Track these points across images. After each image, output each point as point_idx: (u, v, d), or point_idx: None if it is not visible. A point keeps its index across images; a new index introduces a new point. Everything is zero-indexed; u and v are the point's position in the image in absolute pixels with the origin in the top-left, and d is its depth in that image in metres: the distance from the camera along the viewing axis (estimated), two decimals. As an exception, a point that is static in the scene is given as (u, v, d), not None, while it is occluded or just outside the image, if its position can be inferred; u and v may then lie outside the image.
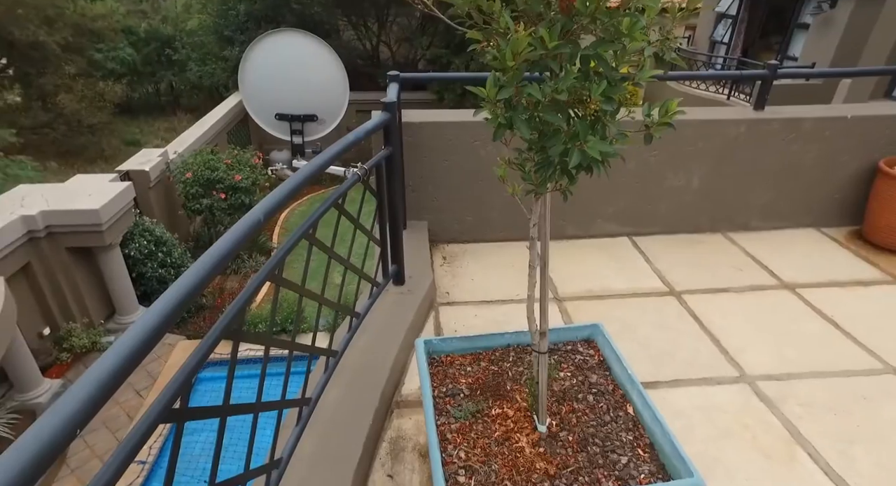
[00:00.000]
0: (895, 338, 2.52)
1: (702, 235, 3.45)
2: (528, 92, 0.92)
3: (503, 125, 0.99)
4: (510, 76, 0.93)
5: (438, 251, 3.21)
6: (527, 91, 0.93)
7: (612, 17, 0.91)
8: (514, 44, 0.88)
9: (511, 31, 0.90)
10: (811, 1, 10.18)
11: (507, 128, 1.00)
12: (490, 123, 1.02)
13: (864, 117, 3.29)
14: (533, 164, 1.10)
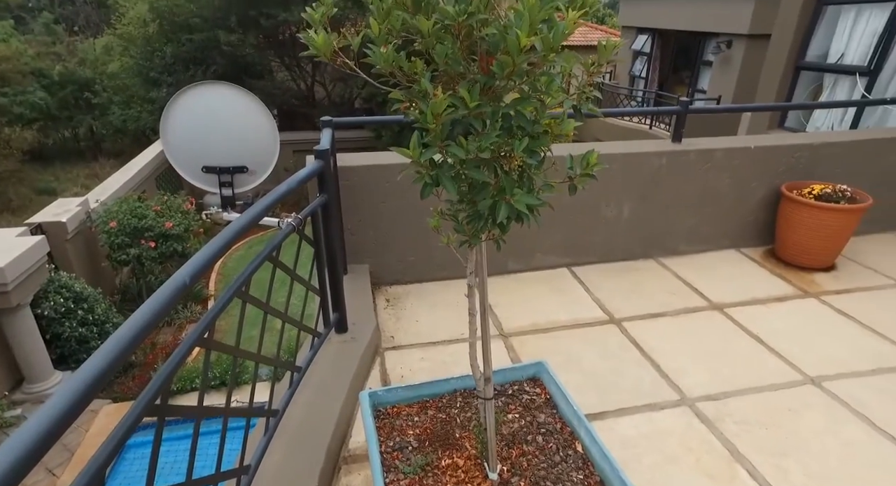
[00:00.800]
0: (809, 349, 2.70)
1: (636, 262, 3.60)
2: (452, 152, 0.94)
3: (430, 184, 1.00)
4: (433, 137, 0.94)
5: (382, 294, 3.17)
6: (451, 151, 0.94)
7: (529, 76, 0.95)
8: (433, 106, 0.90)
9: (430, 94, 0.92)
10: (712, 41, 11.23)
11: (435, 185, 1.01)
12: (416, 181, 1.03)
13: (765, 147, 3.61)
14: (465, 215, 1.11)
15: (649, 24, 12.99)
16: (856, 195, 3.44)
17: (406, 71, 0.98)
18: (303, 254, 2.09)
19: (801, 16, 5.57)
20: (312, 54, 1.03)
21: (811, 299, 3.20)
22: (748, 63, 10.32)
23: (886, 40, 4.81)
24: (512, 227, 1.21)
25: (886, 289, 3.30)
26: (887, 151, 3.82)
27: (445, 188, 0.99)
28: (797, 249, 3.57)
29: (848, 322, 2.96)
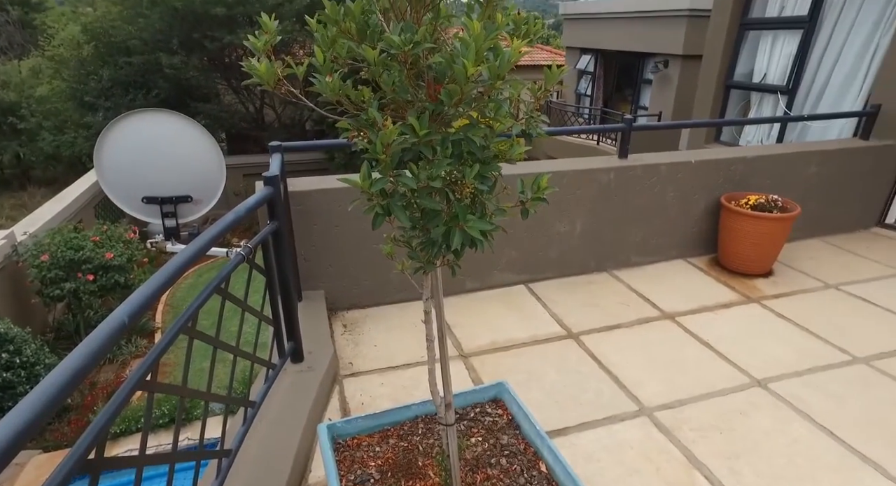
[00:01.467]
0: (754, 353, 2.83)
1: (591, 276, 3.69)
2: (403, 182, 0.94)
3: (381, 214, 0.99)
4: (383, 167, 0.93)
5: (338, 319, 3.10)
6: (402, 181, 0.94)
7: (478, 103, 0.96)
8: (383, 136, 0.89)
9: (379, 124, 0.91)
10: (650, 61, 11.85)
11: (386, 215, 1.00)
12: (367, 212, 1.01)
13: (705, 161, 3.81)
14: (419, 241, 1.10)
15: (591, 45, 13.58)
16: (786, 205, 3.67)
17: (353, 99, 0.97)
18: (256, 281, 2.02)
19: (726, 39, 5.97)
20: (256, 83, 1.00)
21: (754, 304, 3.36)
22: (684, 81, 10.95)
23: (799, 62, 5.22)
24: (467, 249, 1.21)
25: (817, 291, 3.52)
26: (808, 163, 4.11)
27: (397, 218, 0.98)
28: (738, 256, 3.75)
29: (786, 324, 3.12)
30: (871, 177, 4.38)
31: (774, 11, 5.51)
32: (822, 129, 5.18)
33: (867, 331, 3.03)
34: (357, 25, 0.97)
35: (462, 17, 1.02)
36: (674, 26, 10.88)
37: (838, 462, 2.13)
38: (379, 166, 0.94)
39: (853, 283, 3.62)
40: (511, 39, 1.15)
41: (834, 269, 3.82)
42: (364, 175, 0.94)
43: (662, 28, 11.14)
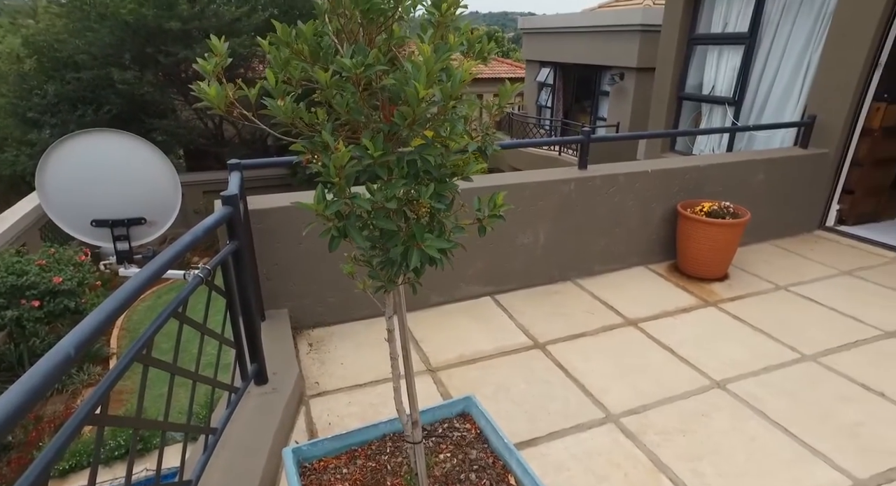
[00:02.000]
0: (713, 355, 2.92)
1: (555, 285, 3.74)
2: (357, 203, 0.94)
3: (337, 237, 0.99)
4: (338, 190, 0.93)
5: (304, 338, 3.04)
6: (357, 203, 0.94)
7: (432, 123, 0.97)
8: (335, 160, 0.89)
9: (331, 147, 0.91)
10: (607, 74, 12.23)
11: (343, 237, 0.99)
12: (322, 235, 1.00)
13: (661, 170, 3.94)
14: (379, 260, 1.10)
15: (550, 58, 13.93)
16: (737, 211, 3.83)
17: (307, 121, 0.97)
18: (218, 302, 1.97)
19: (676, 53, 6.24)
20: (206, 106, 0.99)
21: (711, 308, 3.48)
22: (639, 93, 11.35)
23: (743, 76, 5.51)
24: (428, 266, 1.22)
25: (769, 293, 3.67)
26: (755, 170, 4.31)
27: (354, 240, 0.98)
28: (695, 262, 3.89)
29: (742, 326, 3.24)
30: (811, 183, 4.63)
31: (719, 28, 5.79)
32: (766, 138, 5.45)
33: (814, 329, 3.18)
34: (309, 47, 0.97)
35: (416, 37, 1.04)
36: (628, 40, 11.29)
37: (792, 457, 2.22)
38: (333, 189, 0.94)
39: (800, 284, 3.80)
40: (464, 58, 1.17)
41: (783, 271, 4.00)
42: (318, 198, 0.93)
43: (617, 42, 11.54)
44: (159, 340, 1.47)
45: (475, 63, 0.95)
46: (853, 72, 4.34)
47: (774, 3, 5.14)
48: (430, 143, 0.95)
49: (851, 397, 2.60)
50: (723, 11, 5.71)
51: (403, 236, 0.99)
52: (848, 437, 2.34)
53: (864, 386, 2.67)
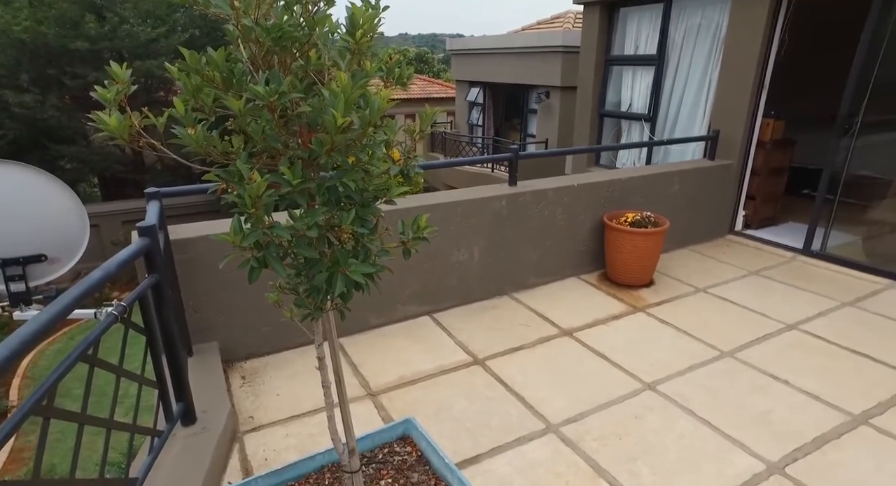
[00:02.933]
0: (643, 358, 3.07)
1: (492, 300, 3.81)
2: (276, 233, 0.92)
3: (256, 268, 0.96)
4: (255, 220, 0.91)
5: (236, 371, 2.90)
6: (277, 232, 0.92)
7: (351, 150, 0.98)
8: (251, 189, 0.87)
9: (246, 177, 0.89)
10: (534, 92, 12.76)
11: (263, 268, 0.97)
12: (241, 267, 0.97)
13: (587, 184, 4.14)
14: (305, 287, 1.08)
15: (479, 78, 14.35)
16: (658, 220, 4.08)
17: (221, 150, 0.95)
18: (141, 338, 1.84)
19: (595, 73, 6.63)
20: (107, 137, 0.94)
21: (640, 313, 3.66)
22: (565, 110, 11.89)
23: (655, 94, 5.94)
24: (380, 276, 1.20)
25: (690, 296, 3.92)
26: (671, 181, 4.63)
27: (275, 270, 0.96)
28: (623, 270, 4.09)
29: (668, 329, 3.43)
30: (719, 191, 5.02)
31: (631, 50, 6.22)
32: (680, 151, 5.87)
33: (730, 327, 3.43)
34: (221, 74, 0.96)
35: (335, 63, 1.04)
36: (551, 61, 11.85)
37: (716, 448, 2.36)
38: (251, 219, 0.92)
39: (717, 285, 4.08)
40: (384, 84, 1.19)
41: (701, 274, 4.30)
42: (234, 229, 0.91)
43: (541, 62, 12.08)
44: (72, 385, 1.36)
45: (393, 90, 0.97)
46: (745, 92, 4.79)
47: (677, 29, 5.59)
48: (351, 168, 0.96)
49: (763, 387, 2.81)
50: (633, 35, 6.15)
51: (327, 263, 0.98)
52: (761, 424, 2.52)
53: (773, 376, 2.90)
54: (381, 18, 1.16)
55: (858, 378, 2.89)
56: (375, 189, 1.06)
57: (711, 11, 5.21)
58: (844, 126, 4.31)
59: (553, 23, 14.11)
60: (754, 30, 4.65)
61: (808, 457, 2.32)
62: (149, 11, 10.32)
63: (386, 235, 1.15)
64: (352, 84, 0.92)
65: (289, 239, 0.92)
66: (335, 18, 1.16)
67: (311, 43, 1.03)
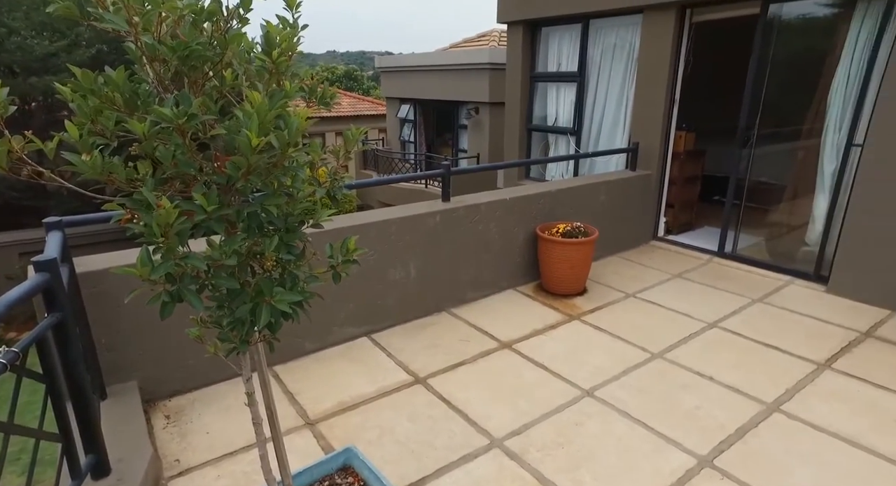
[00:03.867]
0: (581, 366, 3.15)
1: (431, 317, 3.78)
2: (191, 263, 0.85)
3: (169, 303, 0.88)
4: (166, 251, 0.84)
5: (159, 411, 2.67)
6: (191, 263, 0.85)
7: (272, 173, 0.93)
8: (159, 218, 0.80)
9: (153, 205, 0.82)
10: (464, 108, 13.01)
11: (177, 301, 0.89)
12: (150, 303, 0.89)
13: (518, 197, 4.24)
14: (228, 320, 1.01)
15: (409, 95, 14.45)
16: (587, 229, 4.24)
17: (125, 177, 0.87)
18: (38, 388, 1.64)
19: (521, 89, 6.86)
20: (-16, 166, 0.83)
21: (575, 321, 3.76)
22: (494, 125, 12.21)
23: (579, 109, 6.24)
24: (310, 303, 1.14)
25: (621, 301, 4.10)
26: (598, 192, 4.85)
27: (191, 304, 0.88)
28: (557, 280, 4.20)
29: (602, 335, 3.55)
30: (642, 200, 5.32)
31: (554, 67, 6.50)
32: (604, 162, 6.17)
33: (659, 329, 3.60)
34: (123, 95, 0.88)
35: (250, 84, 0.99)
36: (479, 78, 12.16)
37: (652, 448, 2.45)
38: (161, 250, 0.84)
39: (645, 290, 4.29)
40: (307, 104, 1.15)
41: (630, 280, 4.50)
42: (142, 260, 0.83)
43: (469, 79, 12.37)
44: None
45: (312, 110, 0.93)
46: (658, 106, 5.13)
47: (595, 48, 5.92)
48: (272, 192, 0.90)
49: (690, 384, 2.96)
50: (556, 53, 6.43)
51: (251, 293, 0.92)
52: (691, 420, 2.65)
53: (699, 373, 3.07)
54: (301, 37, 1.13)
55: (769, 369, 3.12)
56: (301, 213, 1.01)
57: (625, 32, 5.55)
58: (744, 138, 4.72)
59: (479, 41, 14.51)
60: (662, 50, 5.01)
61: (732, 448, 2.46)
62: (45, 23, 9.55)
63: (315, 260, 1.10)
64: (268, 104, 0.88)
65: (205, 269, 0.85)
66: (252, 37, 1.12)
67: (226, 62, 0.97)
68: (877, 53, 3.87)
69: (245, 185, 0.89)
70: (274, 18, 1.09)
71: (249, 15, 1.06)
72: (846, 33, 4.06)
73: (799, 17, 4.71)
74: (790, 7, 4.52)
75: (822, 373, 3.08)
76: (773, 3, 4.39)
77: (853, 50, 4.03)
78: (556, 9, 5.97)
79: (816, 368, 3.13)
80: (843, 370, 3.10)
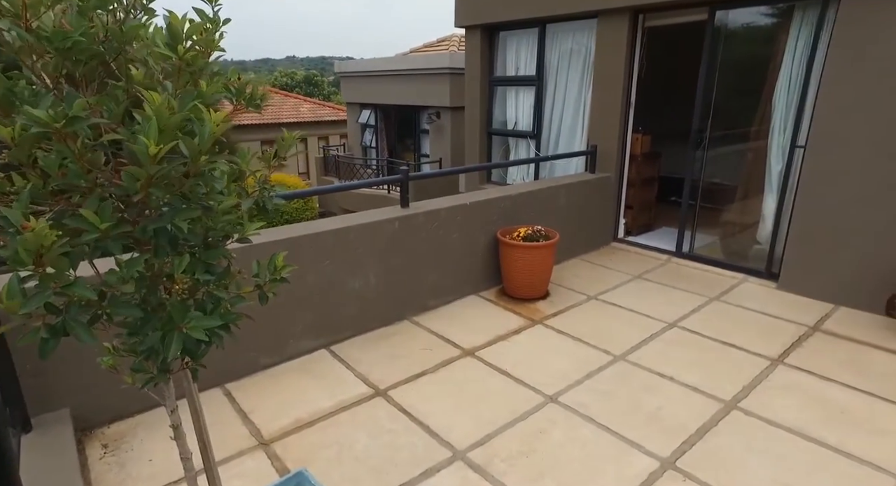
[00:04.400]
0: (544, 371, 3.12)
1: (392, 327, 3.68)
2: (77, 292, 0.74)
3: (51, 339, 0.77)
4: (42, 280, 0.72)
5: (95, 440, 2.48)
6: (76, 292, 0.74)
7: (182, 185, 0.83)
8: (24, 242, 0.68)
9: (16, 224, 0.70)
10: (425, 113, 12.96)
11: (63, 335, 0.78)
12: (24, 340, 0.77)
13: (478, 202, 4.19)
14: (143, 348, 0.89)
15: (370, 100, 14.31)
16: (548, 233, 4.24)
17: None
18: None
19: (480, 93, 6.86)
20: None
21: (538, 326, 3.74)
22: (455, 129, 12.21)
23: (538, 113, 6.27)
24: (257, 313, 1.03)
25: (583, 304, 4.10)
26: (558, 195, 4.86)
27: (78, 339, 0.77)
28: (519, 284, 4.17)
29: (565, 339, 3.53)
30: (602, 202, 5.37)
31: (512, 71, 6.52)
32: (564, 165, 6.21)
33: (621, 331, 3.61)
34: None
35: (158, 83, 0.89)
36: (439, 82, 12.14)
37: (616, 453, 2.43)
38: (35, 278, 0.73)
39: (606, 291, 4.31)
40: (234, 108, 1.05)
41: (592, 282, 4.52)
42: (10, 292, 0.71)
43: (430, 84, 12.34)
44: None
45: (225, 112, 0.84)
46: (615, 109, 5.20)
47: (552, 52, 5.96)
48: (183, 206, 0.80)
49: (652, 386, 2.97)
50: (514, 57, 6.45)
51: (161, 320, 0.81)
52: (653, 422, 2.65)
53: (660, 374, 3.08)
54: (224, 32, 1.03)
55: (727, 366, 3.16)
56: (224, 227, 0.91)
57: (581, 36, 5.61)
58: (697, 140, 4.82)
59: (439, 45, 14.52)
60: (617, 54, 5.08)
61: (693, 448, 2.46)
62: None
63: (242, 279, 1.00)
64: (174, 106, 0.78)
65: (96, 297, 0.75)
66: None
67: (130, 58, 0.87)
68: (814, 59, 4.02)
69: (149, 198, 0.79)
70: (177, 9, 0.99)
71: (164, 8, 0.96)
72: (786, 40, 4.21)
73: (744, 24, 4.86)
74: (735, 15, 4.67)
75: (775, 368, 3.14)
76: (719, 10, 4.51)
77: (793, 56, 4.18)
78: (512, 13, 5.99)
79: (770, 363, 3.19)
80: (794, 365, 3.18)
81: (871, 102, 3.67)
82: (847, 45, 3.72)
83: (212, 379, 2.87)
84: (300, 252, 3.12)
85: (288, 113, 22.30)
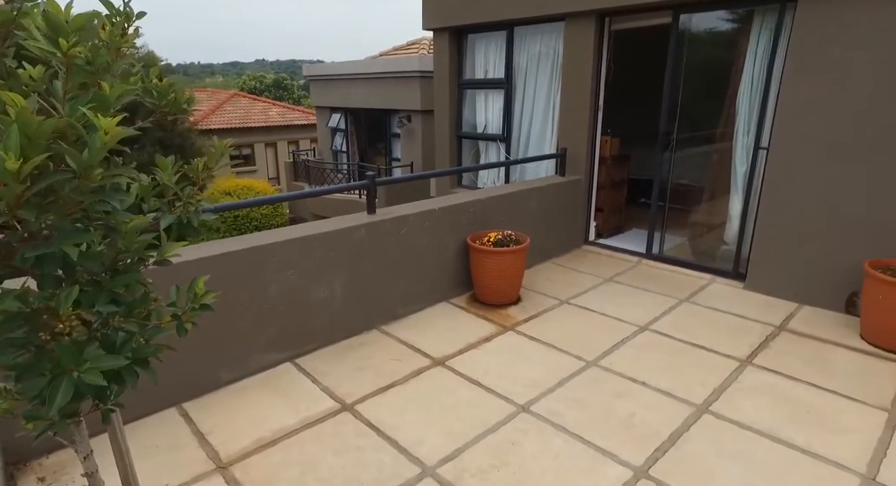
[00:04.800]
0: (516, 380, 3.05)
1: (360, 337, 3.56)
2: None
3: None
4: None
5: (30, 473, 2.30)
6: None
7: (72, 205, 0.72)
8: None
9: None
10: (395, 117, 12.85)
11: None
12: None
13: (447, 207, 4.11)
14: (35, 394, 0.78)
15: (340, 104, 14.09)
16: (519, 237, 4.19)
17: None
18: None
19: (450, 97, 6.80)
20: None
21: (510, 332, 3.67)
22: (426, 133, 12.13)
23: (508, 115, 6.25)
24: (216, 323, 0.92)
25: (555, 309, 4.06)
26: (529, 199, 4.82)
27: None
28: (490, 290, 4.11)
29: (537, 345, 3.48)
30: (572, 205, 5.36)
31: (481, 74, 6.48)
32: (534, 169, 6.19)
33: (592, 336, 3.58)
34: None
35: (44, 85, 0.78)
36: (409, 86, 12.04)
37: (589, 463, 2.38)
38: None
39: (578, 295, 4.29)
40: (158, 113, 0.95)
41: (563, 286, 4.49)
42: None
43: (400, 87, 12.22)
44: None
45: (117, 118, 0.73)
46: (584, 113, 5.20)
47: (521, 55, 5.94)
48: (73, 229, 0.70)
49: (624, 392, 2.93)
50: (482, 60, 6.41)
51: (49, 364, 0.70)
52: (626, 429, 2.61)
53: (632, 379, 3.05)
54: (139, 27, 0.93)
55: (698, 369, 3.16)
56: (139, 249, 0.81)
57: (549, 39, 5.60)
58: (664, 142, 4.86)
59: (409, 49, 14.43)
60: (585, 57, 5.08)
61: (666, 455, 2.43)
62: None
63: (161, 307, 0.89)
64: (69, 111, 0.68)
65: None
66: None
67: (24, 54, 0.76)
68: (773, 62, 4.08)
69: (24, 222, 0.68)
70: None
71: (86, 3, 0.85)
72: (747, 44, 4.27)
73: (707, 28, 4.92)
74: (698, 19, 4.72)
75: (744, 370, 3.15)
76: (683, 13, 4.56)
77: (754, 59, 4.24)
78: (479, 16, 5.95)
79: (739, 364, 3.20)
80: (762, 365, 3.19)
81: (827, 104, 3.74)
82: (803, 49, 3.79)
83: (167, 399, 2.71)
84: (263, 262, 2.99)
85: (257, 117, 21.87)
